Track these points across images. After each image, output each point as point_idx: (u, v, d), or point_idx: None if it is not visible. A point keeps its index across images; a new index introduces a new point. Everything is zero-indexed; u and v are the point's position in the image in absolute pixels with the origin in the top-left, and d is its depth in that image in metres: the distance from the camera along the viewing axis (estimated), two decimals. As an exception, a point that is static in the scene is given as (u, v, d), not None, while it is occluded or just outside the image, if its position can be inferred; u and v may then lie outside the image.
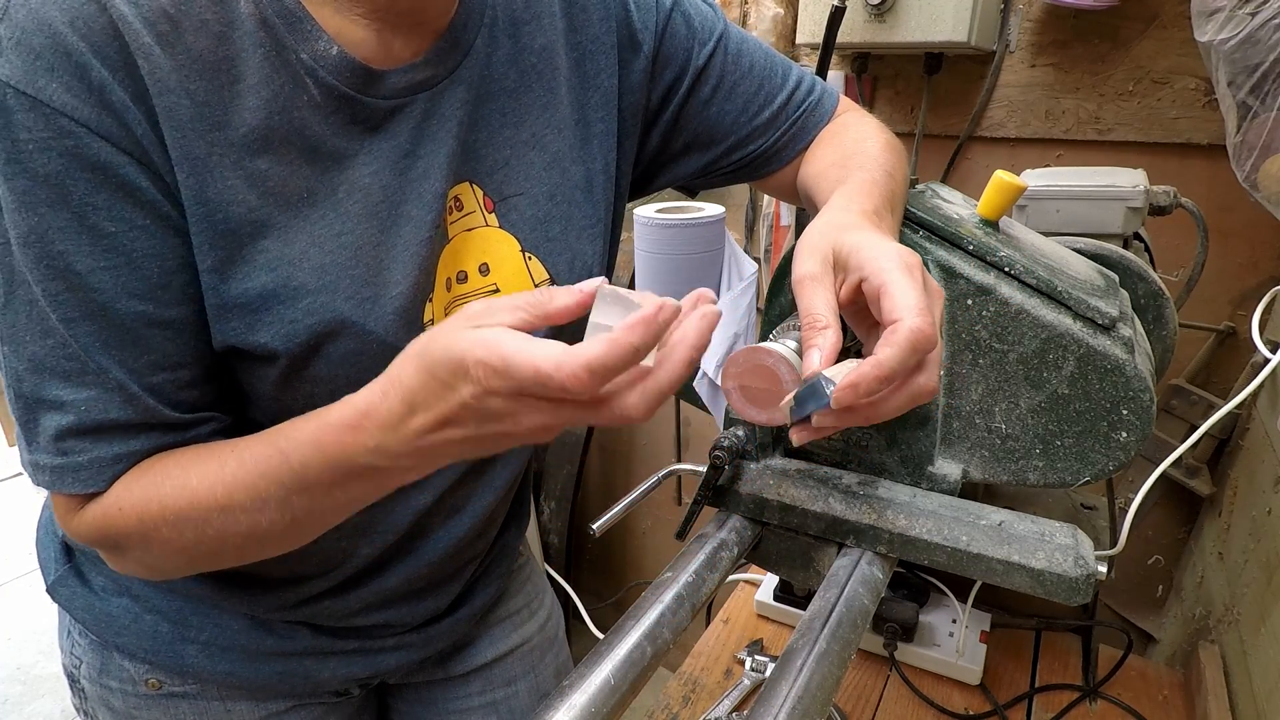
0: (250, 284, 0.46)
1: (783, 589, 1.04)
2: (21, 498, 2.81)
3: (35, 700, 1.93)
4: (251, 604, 0.61)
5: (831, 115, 0.68)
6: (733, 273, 0.77)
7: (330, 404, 0.43)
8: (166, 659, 0.61)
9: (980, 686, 0.90)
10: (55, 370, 0.44)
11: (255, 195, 0.46)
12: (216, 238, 0.45)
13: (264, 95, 0.45)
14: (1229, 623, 0.88)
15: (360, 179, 0.49)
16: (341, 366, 0.49)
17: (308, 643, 0.63)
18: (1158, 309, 0.68)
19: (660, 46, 0.62)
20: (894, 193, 0.54)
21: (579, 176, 0.60)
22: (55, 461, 0.45)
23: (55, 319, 0.43)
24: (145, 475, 0.46)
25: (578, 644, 1.85)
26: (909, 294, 0.40)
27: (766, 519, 0.57)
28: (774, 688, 0.41)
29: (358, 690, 0.72)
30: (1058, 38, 1.05)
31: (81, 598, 0.61)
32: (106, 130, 0.41)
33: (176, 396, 0.47)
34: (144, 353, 0.45)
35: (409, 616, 0.67)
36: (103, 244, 0.42)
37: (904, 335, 0.38)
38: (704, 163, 0.68)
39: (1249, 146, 0.73)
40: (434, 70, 0.51)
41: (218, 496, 0.45)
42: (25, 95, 0.39)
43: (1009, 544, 0.50)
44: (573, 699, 0.40)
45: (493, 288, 0.56)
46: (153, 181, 0.43)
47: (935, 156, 1.19)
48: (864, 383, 0.39)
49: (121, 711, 0.64)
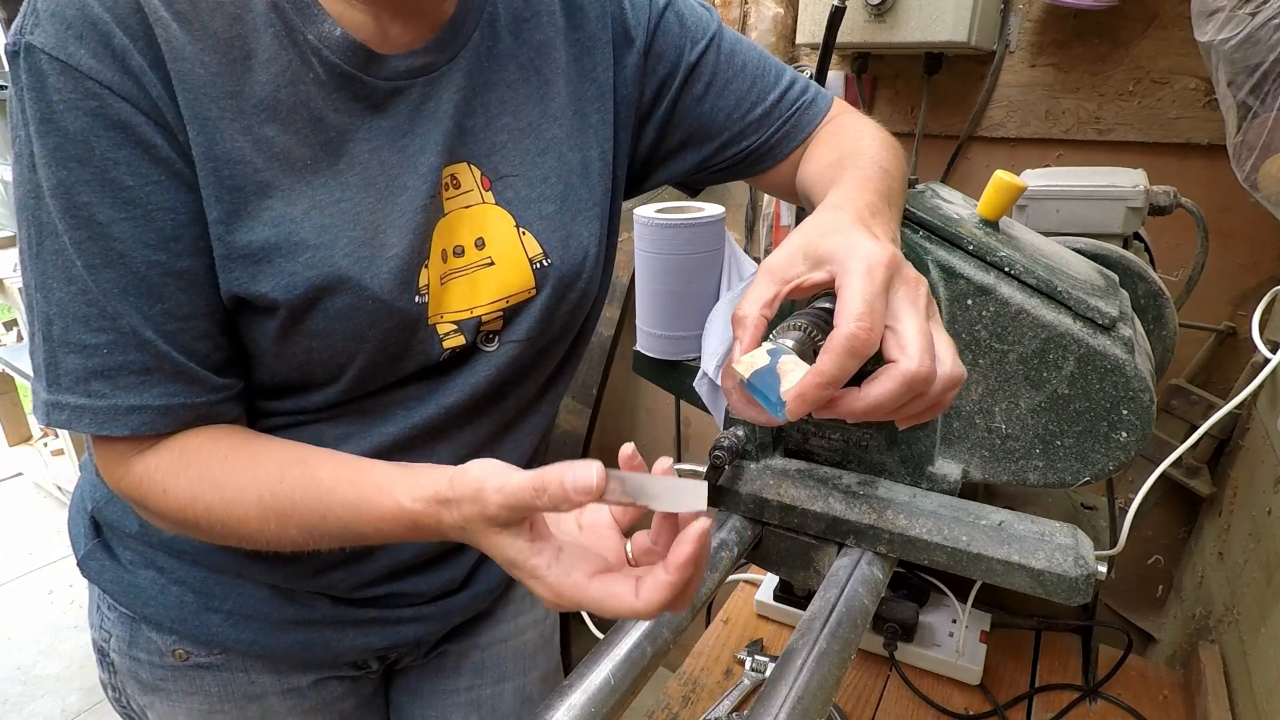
0: (254, 236, 0.49)
1: (783, 589, 1.04)
2: (21, 498, 2.81)
3: (35, 700, 1.93)
4: (271, 574, 0.63)
5: (825, 115, 0.69)
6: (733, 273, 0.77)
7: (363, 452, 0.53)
8: (193, 629, 0.63)
9: (980, 686, 0.90)
10: (78, 315, 0.47)
11: (261, 158, 0.49)
12: (224, 192, 0.49)
13: (273, 70, 0.49)
14: (1229, 623, 0.88)
15: (360, 154, 0.53)
16: (338, 321, 0.52)
17: (327, 612, 0.65)
18: (1158, 309, 0.68)
19: (653, 42, 0.65)
20: (890, 188, 0.54)
21: (575, 162, 0.62)
22: (78, 401, 0.49)
23: (80, 266, 0.47)
24: (191, 468, 0.51)
25: (578, 644, 1.85)
26: (854, 299, 0.40)
27: (766, 519, 0.57)
28: (774, 688, 0.41)
29: (375, 665, 0.73)
30: (1058, 38, 1.05)
31: (110, 571, 0.64)
32: (126, 92, 0.45)
33: (191, 346, 0.51)
34: (158, 301, 0.48)
35: (424, 587, 0.68)
36: (122, 196, 0.46)
37: (840, 341, 0.39)
38: (699, 159, 0.69)
39: (1249, 146, 0.73)
40: (433, 58, 0.55)
41: (251, 516, 0.49)
42: (57, 60, 0.44)
43: (1009, 544, 0.50)
44: (573, 699, 0.40)
45: (488, 261, 0.58)
46: (167, 140, 0.47)
47: (935, 156, 1.19)
48: (808, 391, 0.40)
49: (149, 683, 0.66)
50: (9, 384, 2.82)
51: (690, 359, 0.80)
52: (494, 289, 0.58)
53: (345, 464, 0.50)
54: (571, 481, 0.38)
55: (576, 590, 0.40)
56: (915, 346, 0.40)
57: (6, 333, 3.01)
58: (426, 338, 0.56)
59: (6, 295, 2.16)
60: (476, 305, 0.58)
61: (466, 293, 0.57)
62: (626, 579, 0.40)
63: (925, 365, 0.40)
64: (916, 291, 0.42)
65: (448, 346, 0.57)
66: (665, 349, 0.80)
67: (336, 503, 0.48)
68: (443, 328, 0.57)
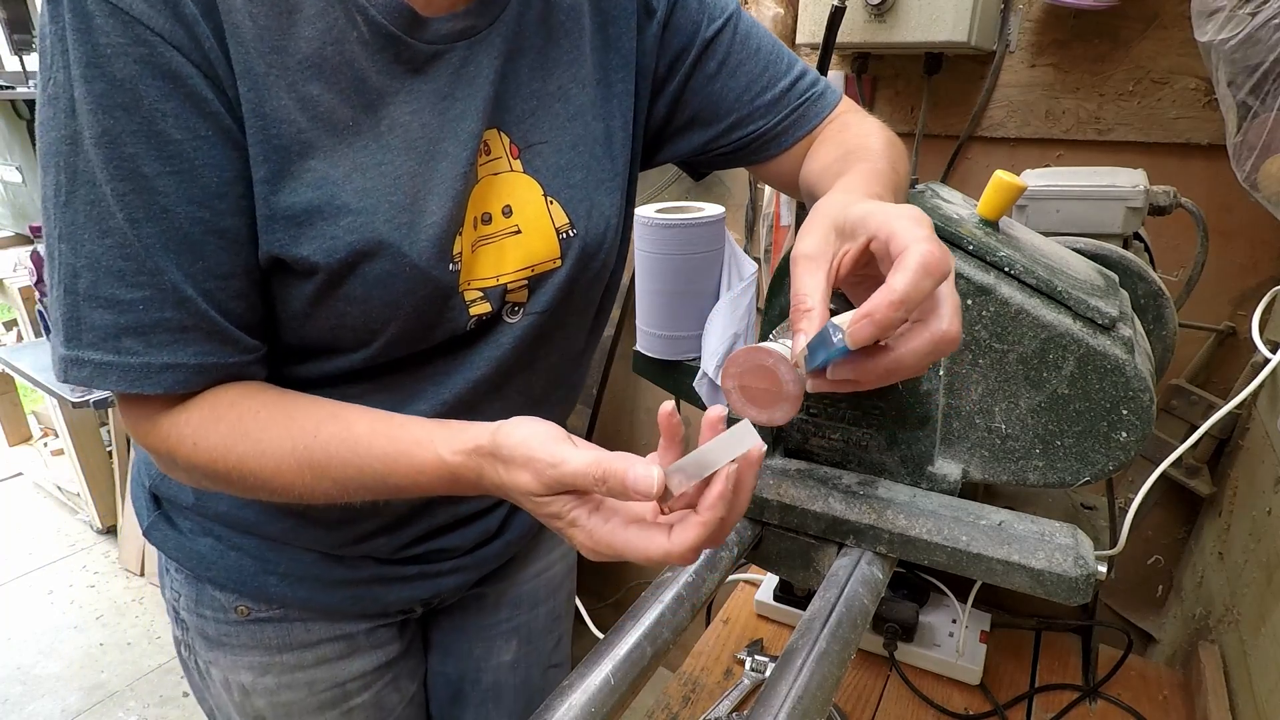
0: (297, 198, 0.49)
1: (783, 589, 1.04)
2: (22, 498, 2.81)
3: (35, 700, 1.93)
4: (317, 542, 0.66)
5: (833, 110, 0.69)
6: (733, 273, 0.77)
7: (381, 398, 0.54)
8: (252, 589, 0.67)
9: (980, 686, 0.90)
10: (112, 269, 0.46)
11: (305, 118, 0.49)
12: (270, 151, 0.48)
13: (319, 27, 0.48)
14: (1229, 623, 0.87)
15: (401, 116, 0.52)
16: (376, 287, 0.52)
17: (373, 571, 0.69)
18: (1158, 309, 0.68)
19: (672, 15, 0.66)
20: (897, 184, 0.55)
21: (599, 131, 0.63)
22: (105, 358, 0.47)
23: (121, 218, 0.45)
24: (223, 422, 0.51)
25: (578, 644, 1.85)
26: (918, 230, 0.39)
27: (766, 519, 0.57)
28: (774, 688, 0.41)
29: (420, 610, 0.78)
30: (1058, 38, 1.05)
31: (173, 539, 0.67)
32: (178, 41, 0.44)
33: (227, 305, 0.50)
34: (199, 258, 0.48)
35: (461, 541, 0.71)
36: (168, 150, 0.45)
37: (914, 258, 0.37)
38: (705, 139, 0.70)
39: (1249, 146, 0.73)
40: (474, 21, 0.55)
41: (285, 469, 0.50)
42: (106, 2, 0.42)
43: (1009, 544, 0.50)
44: (573, 699, 0.40)
45: (515, 229, 0.59)
46: (217, 94, 0.46)
47: (935, 156, 1.19)
48: (878, 312, 0.37)
49: (214, 639, 0.70)
50: (9, 384, 2.82)
51: (690, 359, 0.80)
52: (520, 257, 0.59)
53: (381, 418, 0.51)
54: (633, 481, 0.40)
55: (613, 537, 0.42)
56: (948, 307, 0.39)
57: (6, 333, 3.01)
58: (456, 305, 0.57)
59: (6, 295, 2.16)
60: (502, 273, 0.58)
61: (494, 260, 0.58)
62: (660, 528, 0.41)
63: (955, 327, 0.39)
64: (947, 254, 0.40)
65: (474, 313, 0.58)
66: (665, 349, 0.80)
67: (374, 456, 0.49)
68: (469, 294, 0.57)
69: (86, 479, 2.42)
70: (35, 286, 1.37)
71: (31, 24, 2.17)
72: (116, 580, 2.35)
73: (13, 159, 2.27)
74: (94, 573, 2.38)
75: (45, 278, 0.50)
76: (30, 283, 1.38)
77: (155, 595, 2.28)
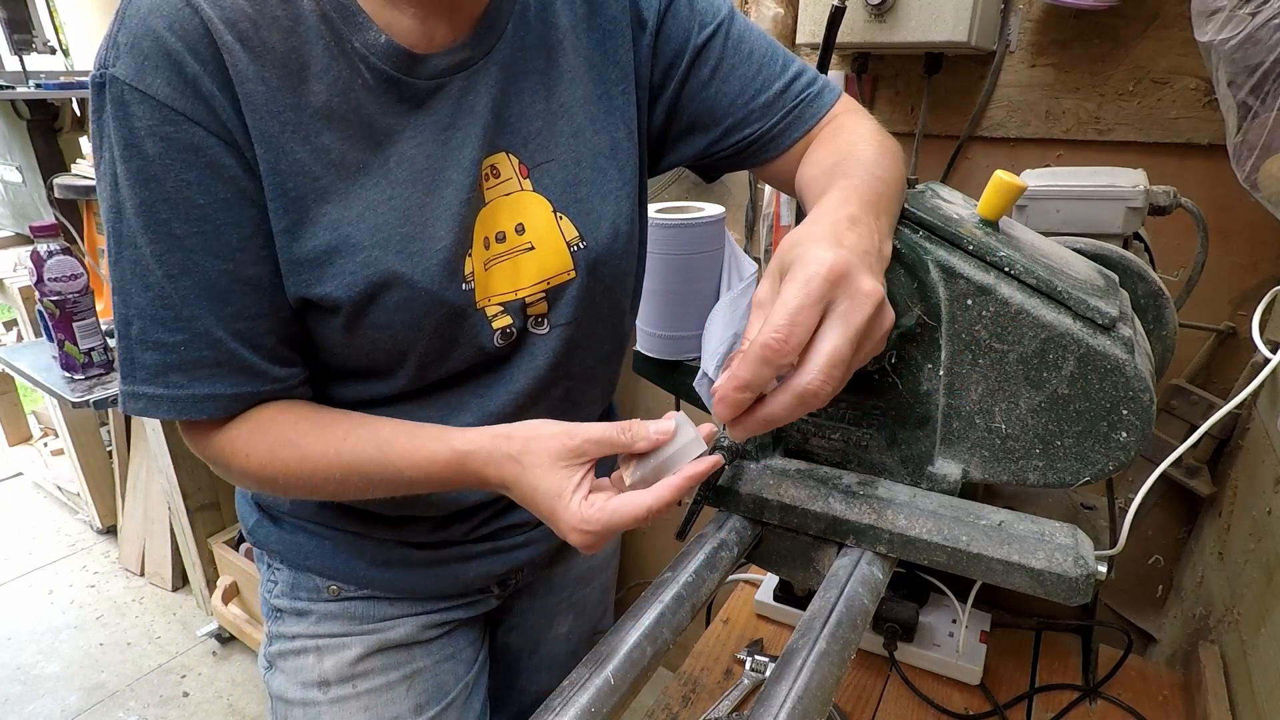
0: (315, 242, 0.55)
1: (783, 589, 1.04)
2: (21, 498, 2.81)
3: (35, 700, 1.93)
4: (395, 534, 0.73)
5: (830, 109, 0.69)
6: (733, 273, 0.77)
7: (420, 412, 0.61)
8: (344, 573, 0.74)
9: (980, 686, 0.90)
10: (155, 318, 0.53)
11: (319, 165, 0.54)
12: (288, 204, 0.54)
13: (326, 80, 0.54)
14: (1229, 623, 0.87)
15: (407, 150, 0.57)
16: (397, 314, 0.57)
17: (451, 552, 0.75)
18: (1158, 309, 0.68)
19: (663, 23, 0.67)
20: (881, 195, 0.53)
21: (604, 144, 0.65)
22: (157, 392, 0.55)
23: (159, 274, 0.52)
24: (268, 434, 0.58)
25: (578, 644, 1.85)
26: (780, 309, 0.41)
27: (766, 519, 0.57)
28: (774, 688, 0.41)
29: (496, 590, 0.83)
30: (1058, 38, 1.05)
31: (275, 534, 0.75)
32: (199, 116, 0.50)
33: (259, 341, 0.57)
34: (228, 304, 0.54)
35: (528, 516, 0.75)
36: (195, 213, 0.52)
37: (753, 350, 0.41)
38: (704, 144, 0.70)
39: (1249, 146, 0.73)
40: (470, 53, 0.59)
41: (320, 469, 0.57)
42: (137, 90, 0.49)
43: (1009, 544, 0.50)
44: (573, 699, 0.40)
45: (528, 245, 0.62)
46: (236, 159, 0.52)
47: (935, 156, 1.19)
48: (727, 394, 0.43)
49: (303, 611, 0.76)
50: (9, 384, 2.82)
51: (690, 359, 0.80)
52: (535, 271, 0.62)
53: (406, 424, 0.57)
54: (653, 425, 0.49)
55: (599, 512, 0.48)
56: (816, 364, 0.41)
57: (6, 333, 3.01)
58: (476, 321, 0.61)
59: (6, 295, 2.16)
60: (520, 288, 0.62)
61: (510, 276, 0.62)
62: (633, 494, 0.49)
63: (816, 384, 0.42)
64: (857, 305, 0.42)
65: (496, 327, 0.62)
66: (665, 349, 0.80)
67: (394, 451, 0.55)
68: (490, 310, 0.61)
69: (86, 479, 2.42)
70: (35, 286, 1.37)
71: (32, 24, 2.18)
72: (116, 580, 2.35)
73: (13, 159, 2.27)
74: (94, 573, 2.38)
75: None
76: (30, 283, 1.38)
77: (155, 595, 2.28)
